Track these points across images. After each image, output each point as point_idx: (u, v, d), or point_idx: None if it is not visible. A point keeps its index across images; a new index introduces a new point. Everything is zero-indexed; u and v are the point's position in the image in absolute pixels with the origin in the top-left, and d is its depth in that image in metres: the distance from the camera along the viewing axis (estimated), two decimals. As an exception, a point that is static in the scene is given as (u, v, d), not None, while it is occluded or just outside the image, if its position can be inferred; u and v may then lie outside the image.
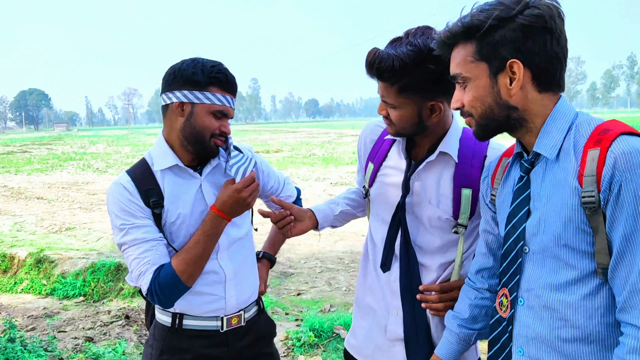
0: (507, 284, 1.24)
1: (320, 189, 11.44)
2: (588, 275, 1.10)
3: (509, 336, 1.24)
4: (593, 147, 1.07)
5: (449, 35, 1.19)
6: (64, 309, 5.09)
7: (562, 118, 1.15)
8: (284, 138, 37.81)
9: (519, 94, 1.14)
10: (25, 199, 11.27)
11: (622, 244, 1.03)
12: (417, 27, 1.44)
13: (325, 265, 6.01)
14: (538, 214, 1.16)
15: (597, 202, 1.05)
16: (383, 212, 1.64)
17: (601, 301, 1.09)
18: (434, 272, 1.58)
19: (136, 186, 1.65)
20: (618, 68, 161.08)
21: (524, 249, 1.20)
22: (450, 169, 1.54)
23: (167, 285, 1.59)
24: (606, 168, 1.03)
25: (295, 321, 4.41)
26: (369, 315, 1.69)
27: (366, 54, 1.46)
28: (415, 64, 1.37)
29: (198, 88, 1.62)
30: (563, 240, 1.11)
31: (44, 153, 27.29)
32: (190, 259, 1.62)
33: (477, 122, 1.21)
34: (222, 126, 1.67)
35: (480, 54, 1.15)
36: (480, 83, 1.16)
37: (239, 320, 1.78)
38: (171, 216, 1.67)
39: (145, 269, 1.59)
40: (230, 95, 1.68)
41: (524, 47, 1.11)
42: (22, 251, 6.47)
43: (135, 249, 1.61)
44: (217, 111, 1.64)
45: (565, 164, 1.12)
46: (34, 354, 3.69)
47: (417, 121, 1.48)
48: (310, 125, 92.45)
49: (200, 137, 1.65)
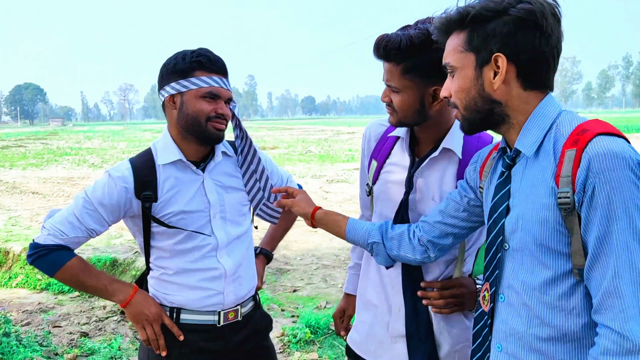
0: (489, 279, 1.24)
1: (316, 186, 11.44)
2: (564, 275, 1.10)
3: (489, 330, 1.25)
4: (570, 147, 1.06)
5: (445, 22, 1.19)
6: (59, 304, 5.07)
7: (544, 116, 1.14)
8: (280, 135, 37.78)
9: (502, 89, 1.14)
10: (20, 193, 11.21)
11: (596, 246, 1.03)
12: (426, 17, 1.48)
13: (321, 262, 6.01)
14: (517, 211, 1.16)
15: (572, 203, 1.04)
16: (386, 209, 1.63)
17: (577, 301, 1.09)
18: (436, 269, 1.58)
19: (134, 175, 1.68)
20: (613, 68, 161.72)
21: (504, 245, 1.20)
22: (454, 166, 1.55)
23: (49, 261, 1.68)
24: (580, 169, 1.03)
25: (291, 317, 4.41)
26: (371, 311, 1.69)
27: (370, 48, 1.49)
28: (423, 44, 1.40)
29: (183, 76, 1.63)
30: (539, 239, 1.10)
31: (39, 148, 27.17)
32: (81, 277, 1.70)
33: (462, 114, 1.21)
34: (218, 108, 1.65)
35: (470, 44, 1.14)
36: (466, 74, 1.16)
37: (236, 314, 1.78)
38: (169, 208, 1.68)
39: (52, 233, 1.66)
40: (219, 75, 1.65)
41: (512, 42, 1.10)
42: (17, 246, 6.44)
43: (71, 215, 1.67)
44: (205, 94, 1.63)
45: (544, 163, 1.12)
46: (29, 348, 3.67)
47: (418, 108, 1.48)
48: (307, 122, 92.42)
49: (196, 123, 1.65)
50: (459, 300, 1.54)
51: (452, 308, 1.54)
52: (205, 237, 1.72)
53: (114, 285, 1.72)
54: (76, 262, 1.69)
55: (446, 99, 1.24)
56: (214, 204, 1.73)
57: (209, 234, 1.73)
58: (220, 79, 1.64)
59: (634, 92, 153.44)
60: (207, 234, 1.72)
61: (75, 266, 1.68)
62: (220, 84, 1.64)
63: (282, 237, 2.15)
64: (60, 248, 1.68)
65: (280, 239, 2.14)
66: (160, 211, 1.69)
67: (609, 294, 1.02)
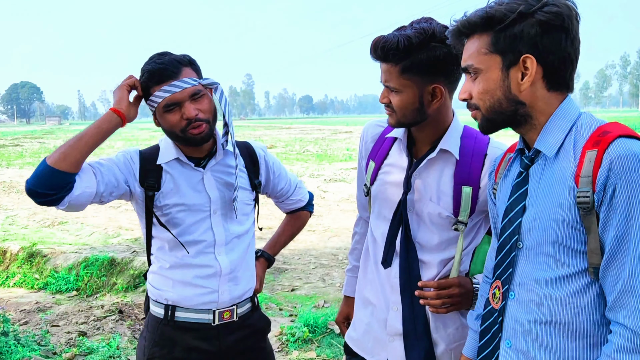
0: (501, 277, 1.26)
1: (314, 186, 11.44)
2: (578, 273, 1.11)
3: (499, 327, 1.27)
4: (591, 148, 1.08)
5: (467, 24, 1.19)
6: (57, 304, 5.06)
7: (565, 117, 1.16)
8: (278, 134, 37.73)
9: (529, 90, 1.15)
10: (17, 192, 11.18)
11: (614, 245, 1.05)
12: (420, 17, 1.49)
13: (319, 261, 6.02)
14: (534, 210, 1.18)
15: (591, 202, 1.06)
16: (384, 209, 1.64)
17: (589, 299, 1.11)
18: (434, 269, 1.59)
19: (140, 162, 1.72)
20: (611, 67, 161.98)
21: (518, 244, 1.22)
22: (451, 167, 1.55)
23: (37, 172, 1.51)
24: (602, 170, 1.05)
25: (289, 317, 4.41)
26: (369, 309, 1.70)
27: (367, 47, 1.50)
28: (420, 43, 1.41)
29: (146, 96, 1.64)
30: (556, 237, 1.12)
31: (36, 147, 27.07)
32: (64, 145, 1.52)
33: (484, 116, 1.21)
34: (183, 114, 1.60)
35: (495, 46, 1.15)
36: (491, 75, 1.17)
37: (231, 315, 1.78)
38: (170, 199, 1.71)
39: None
40: (168, 82, 1.58)
41: (540, 44, 1.11)
42: (14, 245, 6.43)
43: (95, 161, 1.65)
44: (165, 107, 1.60)
45: (564, 163, 1.13)
46: (27, 348, 3.67)
47: (418, 107, 1.49)
48: (304, 121, 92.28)
49: (174, 136, 1.68)
50: (456, 300, 1.55)
51: (449, 307, 1.55)
52: (203, 232, 1.73)
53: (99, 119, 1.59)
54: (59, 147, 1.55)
55: (465, 100, 1.25)
56: (215, 200, 1.74)
57: (207, 228, 1.73)
58: (170, 85, 1.58)
59: (631, 91, 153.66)
60: (205, 228, 1.73)
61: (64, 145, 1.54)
62: (172, 90, 1.58)
63: (287, 243, 2.14)
64: None
65: (285, 244, 2.13)
66: (162, 200, 1.71)
67: (625, 292, 1.03)
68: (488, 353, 1.30)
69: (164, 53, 1.66)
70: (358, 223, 1.95)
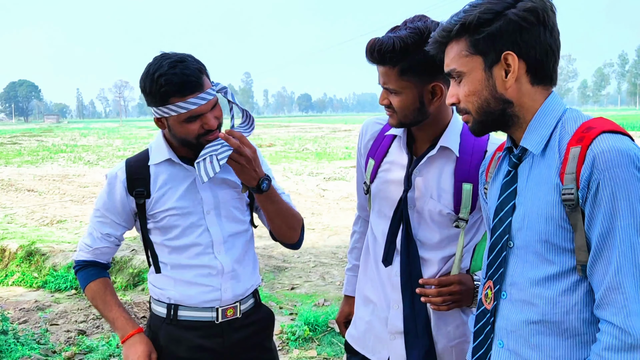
0: (492, 277, 1.25)
1: (313, 184, 11.44)
2: (567, 271, 1.11)
3: (491, 328, 1.26)
4: (575, 144, 1.08)
5: (444, 33, 1.19)
6: (56, 302, 5.05)
7: (550, 113, 1.16)
8: (277, 132, 37.73)
9: (514, 87, 1.15)
10: (16, 191, 11.16)
11: (599, 242, 1.05)
12: (413, 15, 1.48)
13: (319, 259, 6.02)
14: (522, 209, 1.17)
15: (576, 199, 1.06)
16: (385, 207, 1.64)
17: (579, 297, 1.10)
18: (435, 266, 1.58)
19: (127, 173, 1.74)
20: (609, 66, 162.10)
21: (509, 244, 1.21)
22: (451, 164, 1.55)
23: (79, 278, 1.85)
24: (585, 166, 1.04)
25: (289, 315, 4.41)
26: (369, 307, 1.70)
27: (365, 46, 1.48)
28: (416, 44, 1.40)
29: (160, 103, 1.57)
30: (544, 236, 1.12)
31: (34, 145, 27.05)
32: (96, 302, 1.81)
33: (474, 118, 1.21)
34: (204, 124, 1.60)
35: (475, 47, 1.15)
36: (475, 77, 1.16)
37: (235, 311, 1.77)
38: (161, 206, 1.71)
39: (82, 248, 1.83)
40: (194, 94, 1.55)
41: (520, 40, 1.11)
42: (12, 243, 6.42)
43: (90, 227, 1.82)
44: (188, 118, 1.58)
45: (550, 161, 1.13)
46: (27, 346, 3.67)
47: (418, 106, 1.48)
48: (303, 120, 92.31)
49: (186, 143, 1.65)
50: (457, 297, 1.54)
51: (450, 305, 1.55)
52: (200, 234, 1.72)
53: (118, 323, 1.77)
54: (94, 287, 1.80)
55: (454, 105, 1.24)
56: (207, 200, 1.73)
57: (203, 230, 1.72)
58: (196, 97, 1.55)
59: (629, 90, 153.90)
60: (201, 230, 1.72)
61: (93, 290, 1.80)
62: (198, 103, 1.55)
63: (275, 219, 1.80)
64: (90, 265, 1.82)
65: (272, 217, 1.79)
66: (153, 208, 1.71)
67: (612, 289, 1.03)
68: (481, 354, 1.29)
69: (180, 59, 1.57)
70: (357, 222, 1.95)
